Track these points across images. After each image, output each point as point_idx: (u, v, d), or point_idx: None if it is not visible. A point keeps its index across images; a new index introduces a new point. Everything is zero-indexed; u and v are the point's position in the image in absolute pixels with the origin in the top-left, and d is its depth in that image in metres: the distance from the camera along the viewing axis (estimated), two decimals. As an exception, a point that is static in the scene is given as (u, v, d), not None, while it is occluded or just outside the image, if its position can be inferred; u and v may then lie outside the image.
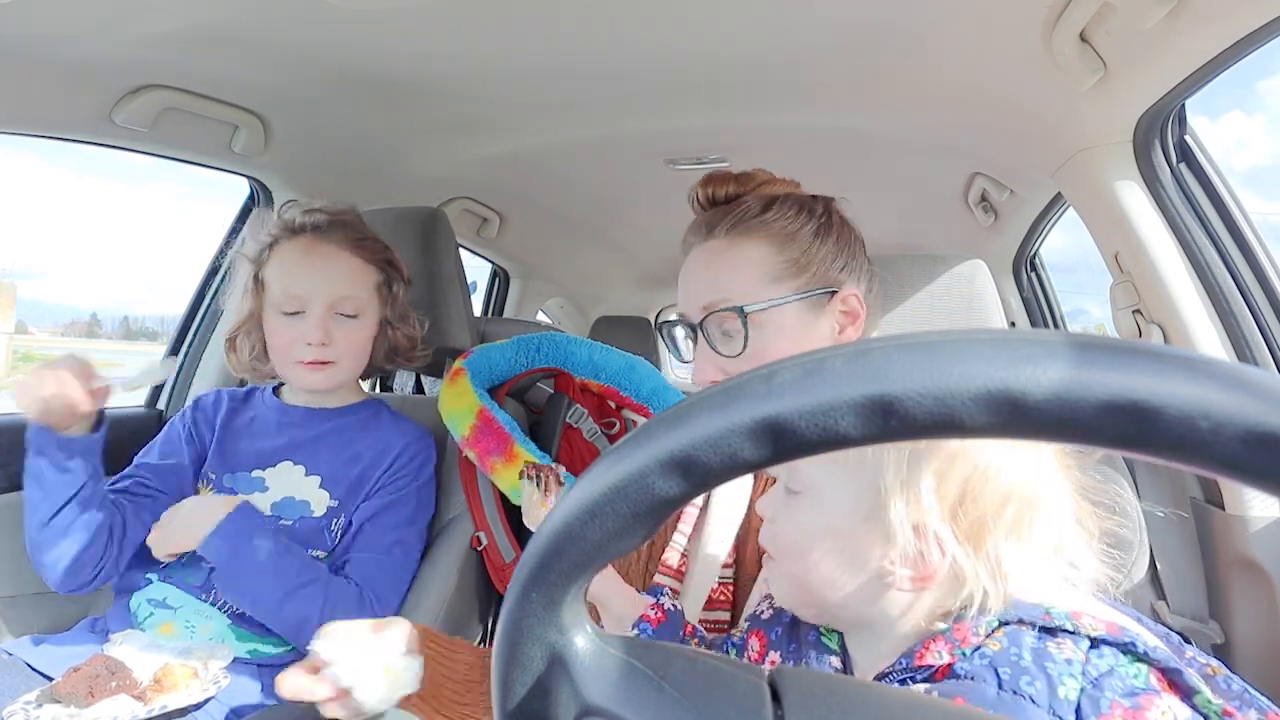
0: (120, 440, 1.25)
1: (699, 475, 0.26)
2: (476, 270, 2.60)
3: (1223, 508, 1.06)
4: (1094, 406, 0.22)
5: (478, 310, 2.65)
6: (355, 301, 1.14)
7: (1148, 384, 0.22)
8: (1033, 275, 2.12)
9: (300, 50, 1.18)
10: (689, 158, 1.71)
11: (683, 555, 0.81)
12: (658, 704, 0.30)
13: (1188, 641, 0.51)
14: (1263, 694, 0.46)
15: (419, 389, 2.01)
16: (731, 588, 0.78)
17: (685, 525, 0.82)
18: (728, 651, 0.68)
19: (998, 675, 0.45)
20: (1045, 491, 0.49)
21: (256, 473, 1.12)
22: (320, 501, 1.11)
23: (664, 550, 0.82)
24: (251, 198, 1.63)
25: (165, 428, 1.19)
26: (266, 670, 1.01)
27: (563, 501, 0.29)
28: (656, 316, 3.75)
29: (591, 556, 0.28)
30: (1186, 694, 0.43)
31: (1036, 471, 0.49)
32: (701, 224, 0.82)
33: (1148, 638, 0.46)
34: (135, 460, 1.15)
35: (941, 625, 0.50)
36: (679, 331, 0.85)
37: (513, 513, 1.32)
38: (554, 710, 0.30)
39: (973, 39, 1.10)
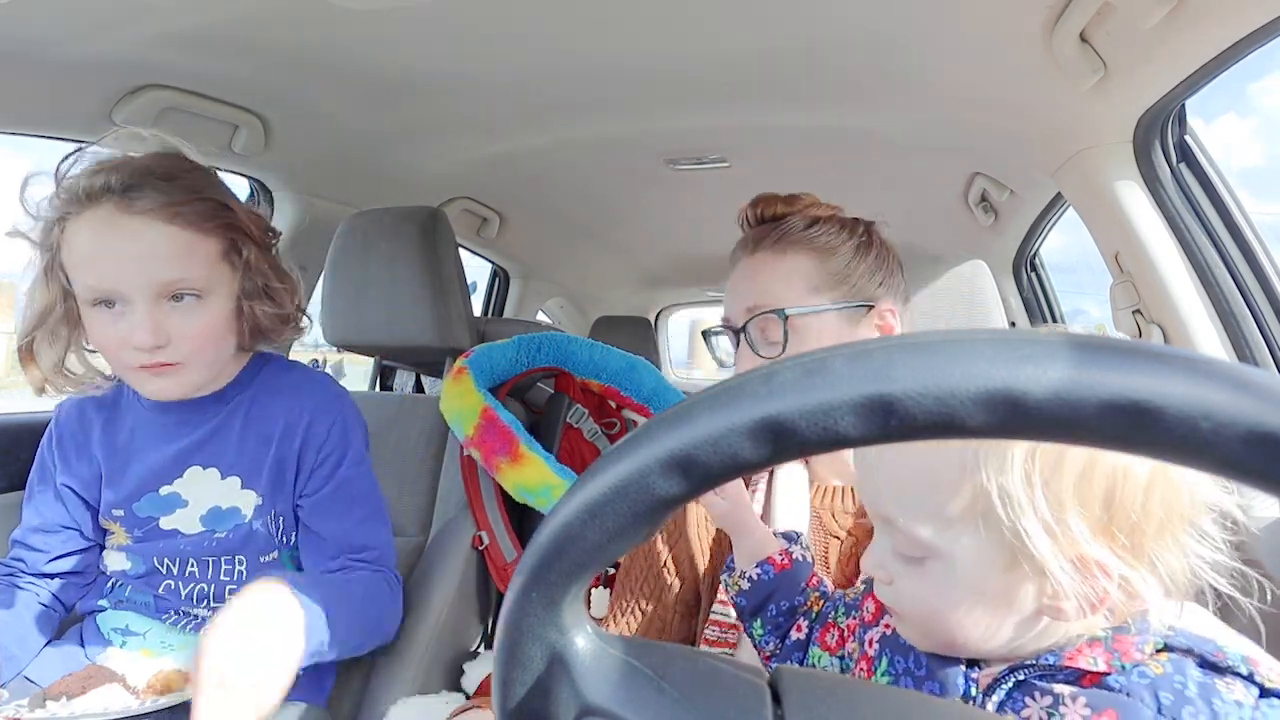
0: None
1: (699, 475, 0.26)
2: (476, 270, 2.61)
3: (1223, 508, 1.06)
4: (1095, 406, 0.22)
5: (478, 310, 2.65)
6: (191, 282, 0.86)
7: (1149, 384, 0.22)
8: (1033, 275, 2.12)
9: (300, 50, 1.18)
10: (689, 158, 1.71)
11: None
12: (658, 704, 0.30)
13: None
14: None
15: (419, 388, 2.01)
16: None
17: None
18: (835, 609, 0.66)
19: (1158, 699, 0.42)
20: (1176, 471, 0.45)
21: (165, 489, 0.94)
22: (248, 503, 0.96)
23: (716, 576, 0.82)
24: (251, 197, 1.63)
25: (30, 485, 1.00)
26: None
27: (563, 501, 0.29)
28: (656, 316, 3.76)
29: (592, 556, 0.28)
30: None
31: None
32: (749, 239, 0.87)
33: None
34: (12, 539, 0.98)
35: (1101, 632, 0.46)
36: (722, 338, 0.90)
37: (514, 512, 1.32)
38: (554, 710, 0.30)
39: (973, 39, 1.10)
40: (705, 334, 0.94)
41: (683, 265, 2.96)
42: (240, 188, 1.59)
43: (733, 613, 0.78)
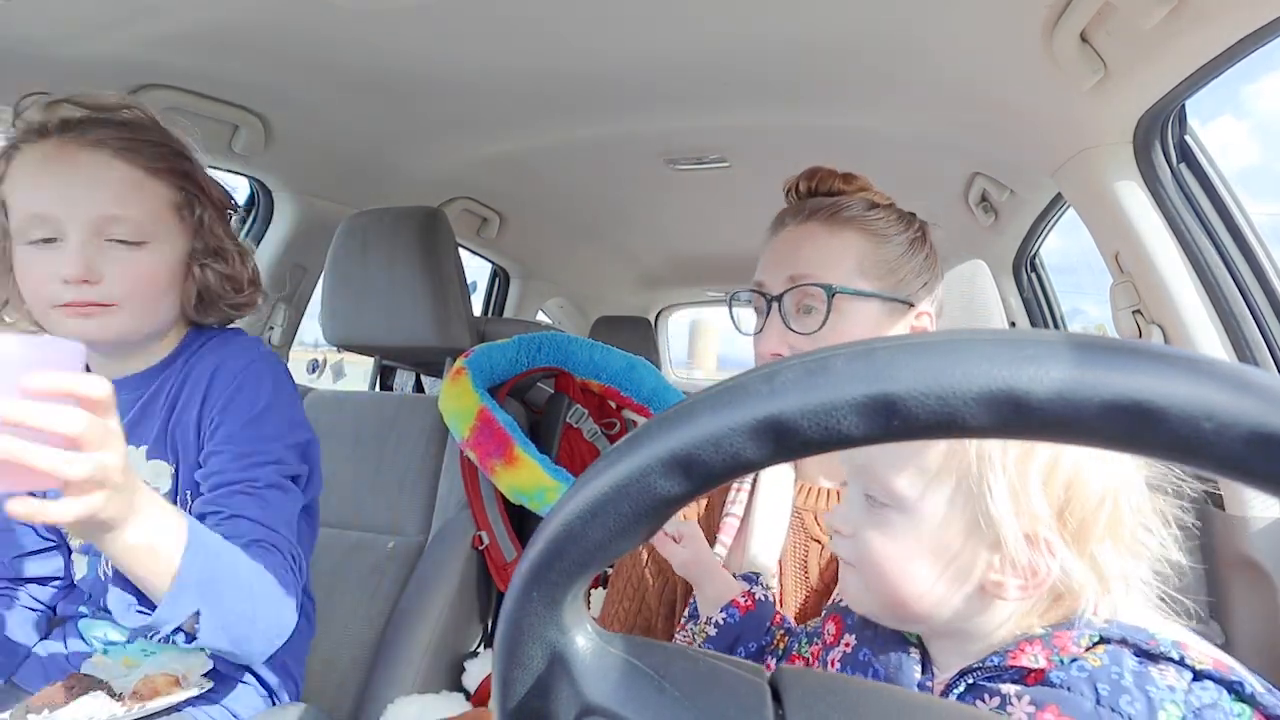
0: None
1: (701, 475, 0.26)
2: (476, 270, 2.61)
3: (1223, 508, 1.06)
4: (1097, 407, 0.22)
5: (478, 310, 2.65)
6: (133, 225, 0.83)
7: (1151, 384, 0.22)
8: (1033, 275, 2.11)
9: (300, 50, 1.18)
10: (689, 158, 1.71)
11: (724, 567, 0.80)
12: (658, 703, 0.30)
13: None
14: None
15: (419, 388, 2.01)
16: (779, 595, 0.78)
17: (725, 536, 0.81)
18: (798, 642, 0.67)
19: (1096, 690, 0.44)
20: (1127, 486, 0.48)
21: None
22: (162, 475, 0.88)
23: None
24: (252, 197, 1.63)
25: None
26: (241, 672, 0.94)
27: (564, 500, 0.29)
28: (656, 316, 3.75)
29: (592, 556, 0.28)
30: None
31: (1118, 466, 0.48)
32: (802, 208, 0.82)
33: (1255, 683, 0.44)
34: None
35: (1040, 630, 0.48)
36: (749, 300, 0.84)
37: (514, 512, 1.32)
38: (554, 709, 0.30)
39: (973, 39, 1.10)
40: (732, 297, 0.91)
41: (683, 265, 2.96)
42: (240, 188, 1.59)
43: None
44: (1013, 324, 2.12)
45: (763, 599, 0.71)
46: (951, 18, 1.05)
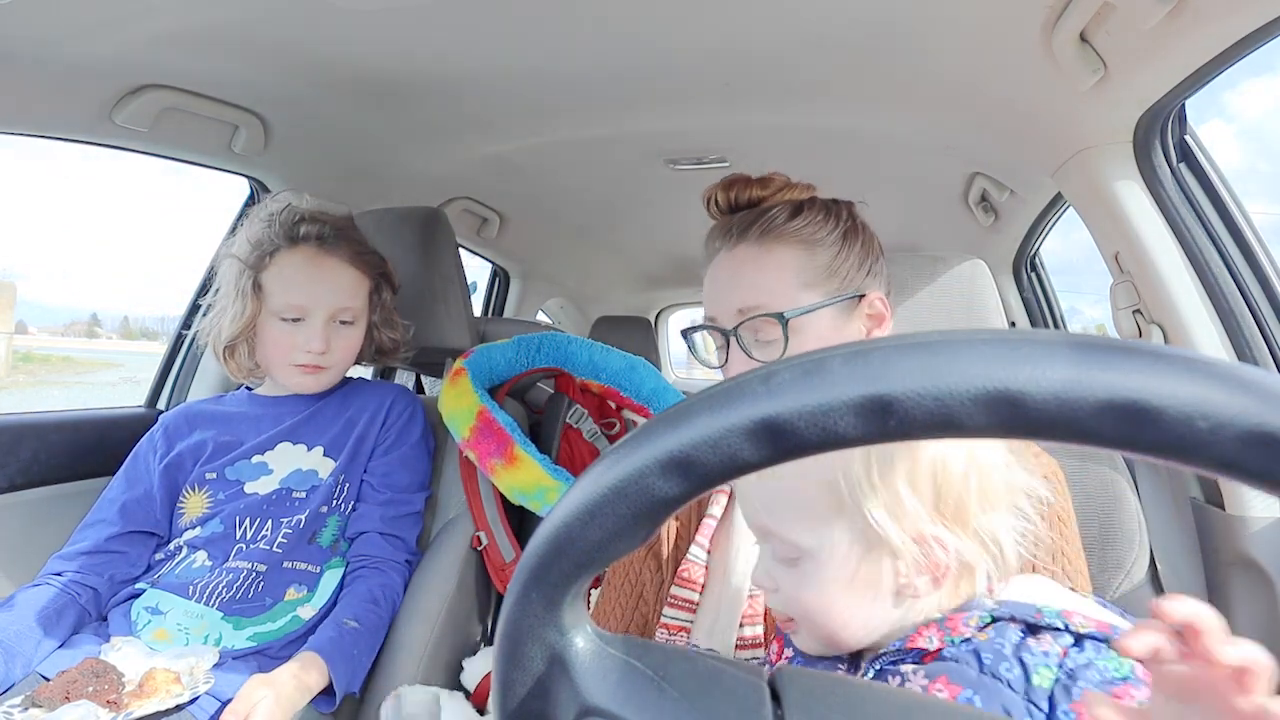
0: (120, 440, 1.25)
1: (699, 476, 0.26)
2: (476, 270, 2.61)
3: (1223, 508, 1.05)
4: (1093, 407, 0.22)
5: (478, 310, 2.65)
6: (353, 311, 1.19)
7: (1147, 384, 0.22)
8: (1033, 275, 2.12)
9: (300, 50, 1.18)
10: (689, 158, 1.71)
11: (705, 568, 0.79)
12: (658, 704, 0.30)
13: None
14: None
15: (419, 389, 2.01)
16: (760, 600, 0.77)
17: (703, 537, 0.81)
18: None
19: (980, 660, 0.49)
20: (984, 454, 0.53)
21: (256, 458, 1.15)
22: (326, 468, 1.16)
23: (679, 564, 0.80)
24: (251, 197, 1.63)
25: (131, 456, 1.18)
26: (270, 662, 1.01)
27: (562, 502, 0.29)
28: (656, 316, 3.75)
29: (592, 557, 0.28)
30: None
31: (973, 443, 0.52)
32: (729, 229, 0.82)
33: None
34: (102, 497, 1.14)
35: (936, 615, 0.53)
36: (707, 337, 0.85)
37: (513, 513, 1.32)
38: (554, 710, 0.30)
39: (973, 39, 1.10)
40: (685, 333, 0.90)
41: (683, 265, 2.96)
42: (240, 188, 1.60)
43: (682, 615, 0.78)
44: (1013, 324, 2.12)
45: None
46: (951, 18, 1.05)
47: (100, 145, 1.29)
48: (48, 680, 0.92)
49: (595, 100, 1.40)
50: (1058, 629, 0.49)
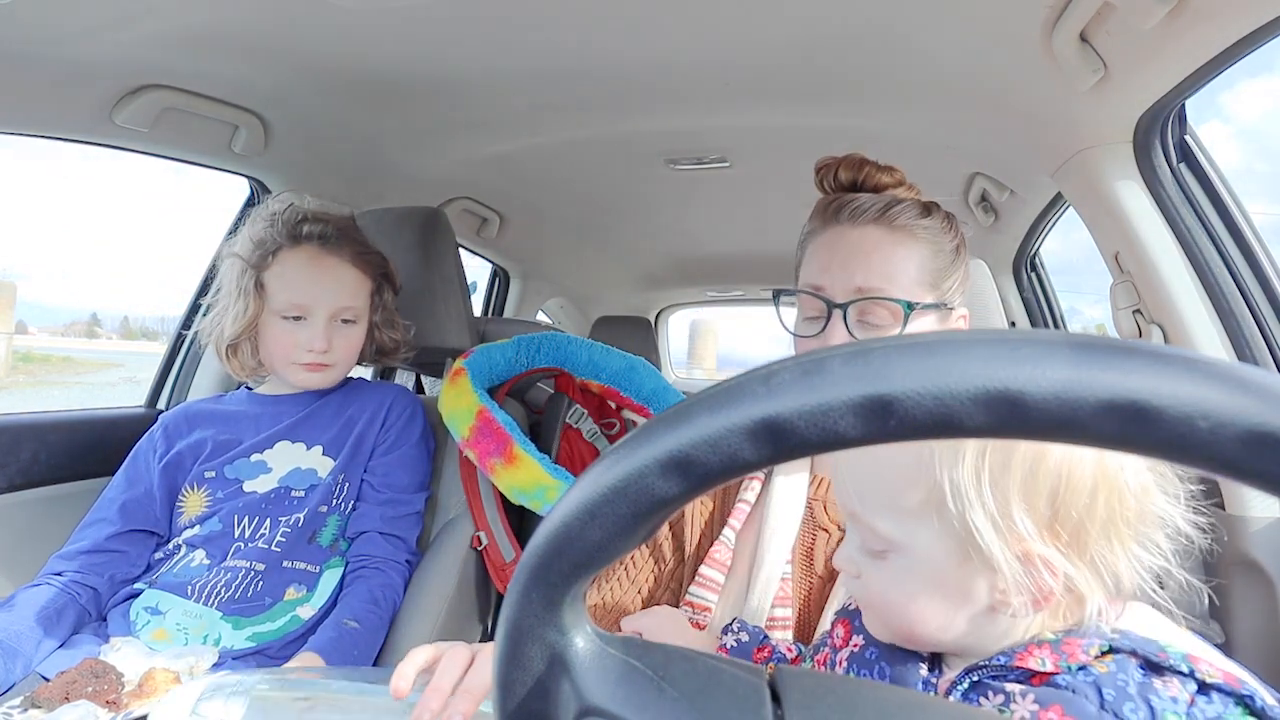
0: (120, 440, 1.25)
1: (699, 475, 0.26)
2: (476, 270, 2.61)
3: (1223, 508, 1.06)
4: (1093, 406, 0.22)
5: (478, 310, 2.65)
6: (354, 310, 1.20)
7: (1147, 384, 0.22)
8: (1033, 275, 2.12)
9: (300, 50, 1.18)
10: (689, 158, 1.71)
11: (731, 550, 0.80)
12: (658, 704, 0.30)
13: None
14: None
15: (419, 389, 2.01)
16: (791, 583, 0.78)
17: (735, 521, 0.81)
18: (804, 657, 0.68)
19: (1101, 695, 0.44)
20: (1120, 473, 0.46)
21: (255, 457, 1.16)
22: (325, 467, 1.17)
23: (712, 544, 0.81)
24: (251, 197, 1.63)
25: (131, 456, 1.18)
26: (269, 662, 1.01)
27: (563, 501, 0.29)
28: (656, 317, 3.76)
29: (592, 556, 0.28)
30: None
31: (1110, 457, 0.46)
32: (857, 205, 0.80)
33: (1266, 695, 0.44)
34: (102, 497, 1.14)
35: (1050, 636, 0.48)
36: (807, 302, 0.81)
37: (513, 512, 1.32)
38: (554, 710, 0.30)
39: (973, 39, 1.10)
40: (778, 293, 0.88)
41: (683, 265, 2.96)
42: (240, 188, 1.60)
43: (708, 595, 0.78)
44: (1013, 324, 2.12)
45: (734, 645, 0.70)
46: (951, 18, 1.05)
47: (100, 145, 1.29)
48: (47, 681, 0.92)
49: (595, 100, 1.40)
50: (1182, 673, 0.44)
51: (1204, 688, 0.44)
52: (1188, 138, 1.13)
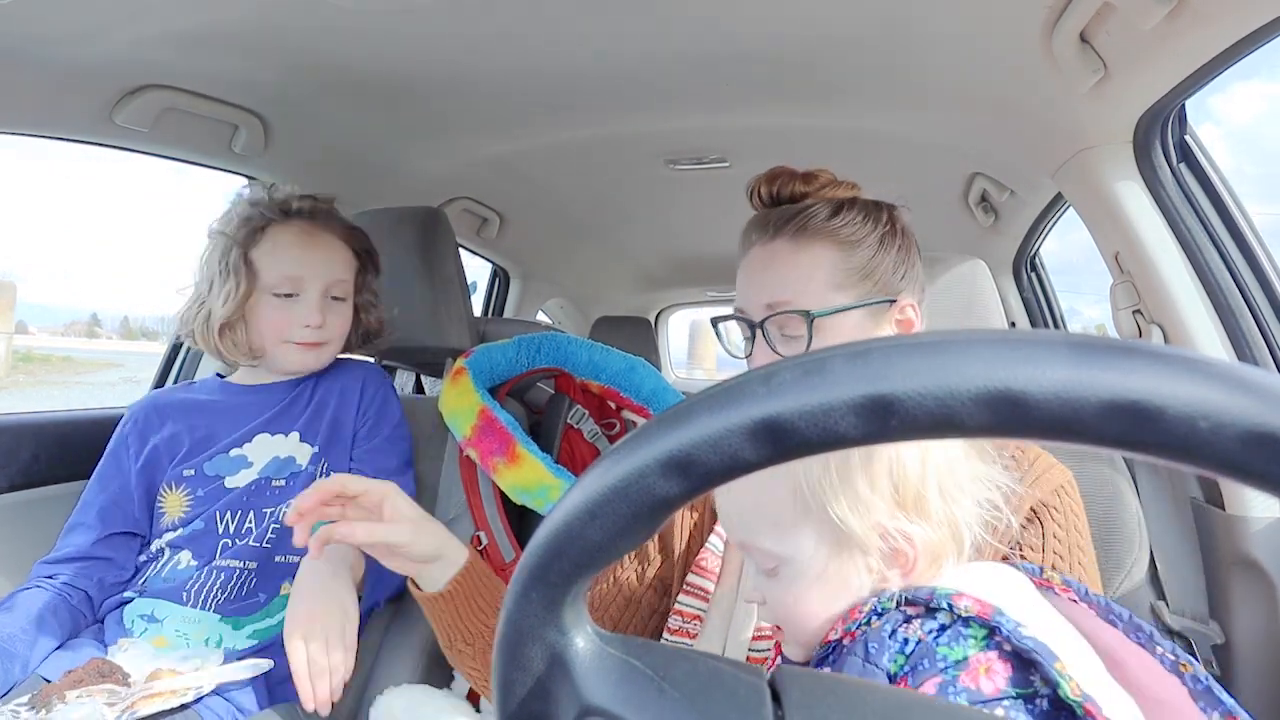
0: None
1: (699, 476, 0.26)
2: (476, 270, 2.61)
3: (1223, 508, 1.06)
4: (1094, 406, 0.22)
5: (478, 310, 2.65)
6: (344, 286, 1.18)
7: (1148, 384, 0.22)
8: (1033, 275, 2.12)
9: (300, 50, 1.18)
10: (689, 158, 1.72)
11: (720, 558, 0.80)
12: (658, 705, 0.30)
13: (1176, 636, 0.52)
14: (1234, 696, 0.46)
15: (419, 389, 2.01)
16: None
17: (721, 528, 0.81)
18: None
19: (867, 649, 0.49)
20: (940, 448, 0.55)
21: (235, 452, 1.12)
22: (304, 454, 1.14)
23: (699, 552, 0.81)
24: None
25: (105, 456, 1.15)
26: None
27: (562, 501, 0.29)
28: (656, 317, 3.76)
29: (592, 557, 0.28)
30: (1047, 680, 0.43)
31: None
32: (767, 222, 0.81)
33: (1011, 625, 0.46)
34: (81, 500, 1.11)
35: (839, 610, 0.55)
36: (734, 328, 0.85)
37: (512, 512, 1.32)
38: (554, 711, 0.30)
39: (973, 39, 1.10)
40: (714, 321, 0.90)
41: (683, 265, 2.96)
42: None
43: (698, 604, 0.78)
44: (1013, 324, 2.12)
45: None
46: (951, 18, 1.05)
47: (100, 145, 1.29)
48: (49, 682, 0.92)
49: (595, 100, 1.40)
50: (941, 609, 0.49)
51: (965, 620, 0.48)
52: (1188, 138, 1.13)
